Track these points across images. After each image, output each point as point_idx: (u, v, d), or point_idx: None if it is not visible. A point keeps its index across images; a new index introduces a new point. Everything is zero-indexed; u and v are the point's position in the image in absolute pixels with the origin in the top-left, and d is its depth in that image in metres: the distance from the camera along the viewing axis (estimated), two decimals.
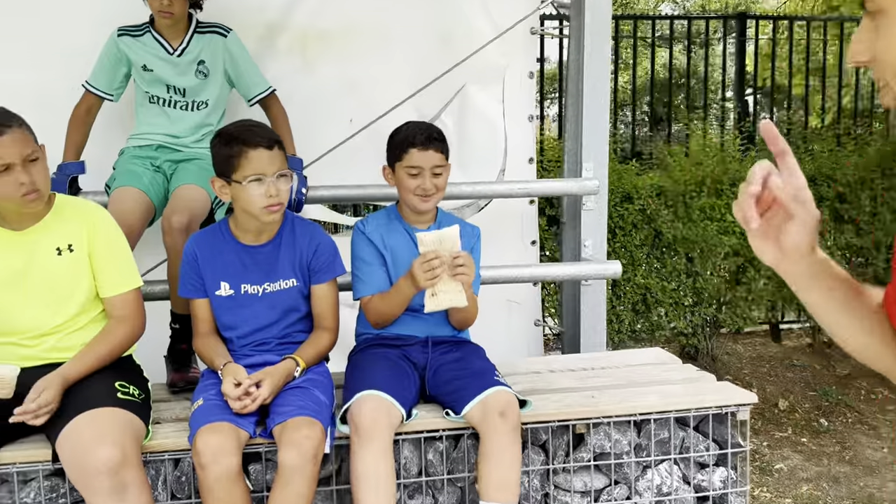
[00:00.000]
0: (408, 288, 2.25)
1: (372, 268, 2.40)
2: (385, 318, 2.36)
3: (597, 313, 3.33)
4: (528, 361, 2.89)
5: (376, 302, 2.36)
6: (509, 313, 3.58)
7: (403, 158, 2.34)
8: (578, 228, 3.39)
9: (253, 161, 2.15)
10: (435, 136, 2.36)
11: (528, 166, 3.53)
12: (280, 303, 2.32)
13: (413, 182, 2.34)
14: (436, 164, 2.34)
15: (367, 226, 2.46)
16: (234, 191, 2.19)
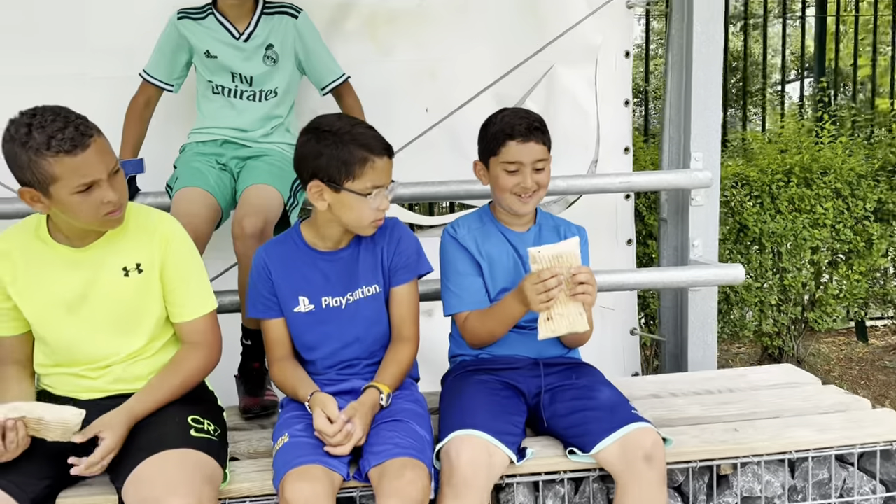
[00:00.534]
0: (516, 308, 1.92)
1: (467, 279, 2.06)
2: (486, 340, 2.04)
3: (707, 324, 2.96)
4: (640, 381, 2.54)
5: (475, 320, 2.03)
6: (602, 320, 3.22)
7: (500, 153, 2.00)
8: (683, 226, 3.02)
9: (378, 172, 1.85)
10: (536, 126, 2.01)
11: (624, 157, 3.16)
12: (365, 313, 2.00)
13: (511, 179, 2.00)
14: (538, 158, 2.00)
15: (459, 230, 2.12)
16: (340, 199, 1.86)
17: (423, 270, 2.05)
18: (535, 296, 1.82)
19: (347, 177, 1.83)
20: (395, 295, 2.02)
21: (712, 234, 2.95)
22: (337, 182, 1.84)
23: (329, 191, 1.86)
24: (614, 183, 2.81)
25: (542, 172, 2.03)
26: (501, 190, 2.03)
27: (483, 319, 2.01)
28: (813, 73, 7.13)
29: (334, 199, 1.87)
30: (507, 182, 2.01)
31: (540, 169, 2.02)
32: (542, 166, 2.01)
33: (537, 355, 2.07)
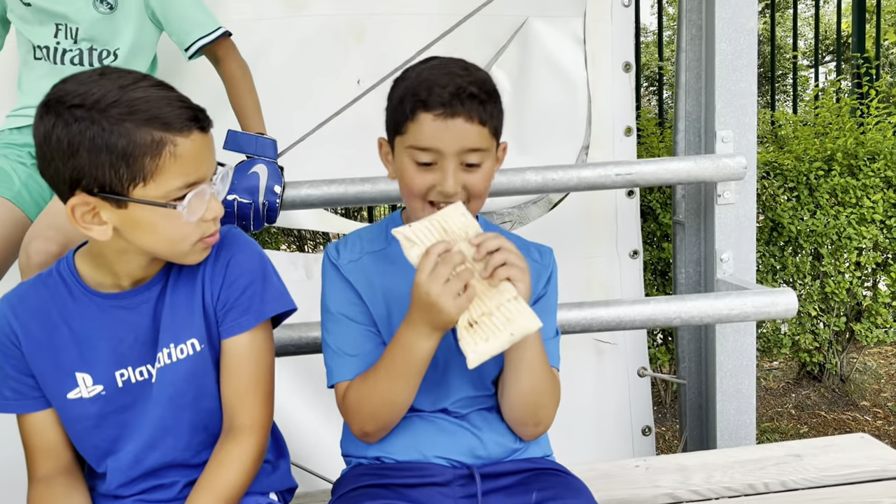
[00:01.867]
0: (419, 336, 1.13)
1: (347, 328, 1.26)
2: (382, 418, 1.22)
3: (743, 367, 2.14)
4: (647, 471, 1.72)
5: (357, 389, 1.22)
6: (598, 359, 2.43)
7: (407, 129, 1.20)
8: (707, 234, 2.21)
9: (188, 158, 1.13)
10: (471, 93, 1.17)
11: (625, 140, 2.36)
12: (177, 387, 1.22)
13: (422, 177, 1.20)
14: (469, 146, 1.18)
15: (344, 252, 1.32)
16: (131, 218, 1.12)
17: (273, 309, 1.25)
18: (441, 289, 1.07)
19: (134, 179, 1.07)
20: (224, 355, 1.24)
21: (747, 244, 2.14)
22: (118, 191, 1.07)
23: (109, 207, 1.09)
24: (612, 175, 2.00)
25: (478, 171, 1.20)
26: (409, 189, 1.22)
27: (371, 382, 1.20)
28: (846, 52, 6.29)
29: (121, 219, 1.11)
30: (415, 180, 1.20)
31: (474, 165, 1.19)
32: (476, 160, 1.19)
33: (472, 459, 1.26)
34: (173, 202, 1.10)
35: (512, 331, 1.06)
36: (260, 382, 1.25)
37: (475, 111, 1.17)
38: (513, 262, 1.09)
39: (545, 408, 1.24)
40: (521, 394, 1.21)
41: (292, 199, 1.92)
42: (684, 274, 2.36)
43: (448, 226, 1.13)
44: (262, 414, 1.25)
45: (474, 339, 1.07)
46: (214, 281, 1.24)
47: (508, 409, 1.25)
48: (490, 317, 1.07)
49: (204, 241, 1.16)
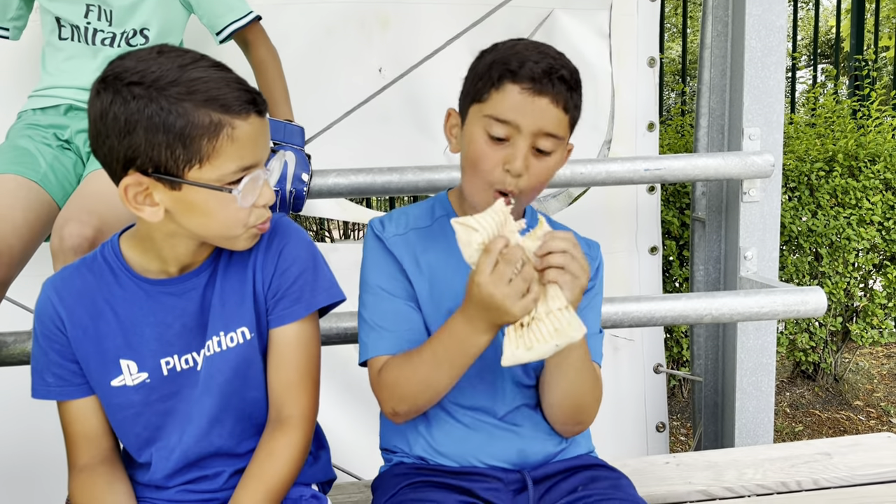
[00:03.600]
0: (474, 330, 1.07)
1: (388, 303, 1.23)
2: (415, 400, 1.17)
3: (763, 366, 2.15)
4: (678, 467, 1.71)
5: (394, 369, 1.18)
6: (615, 355, 2.42)
7: (489, 98, 1.14)
8: (730, 231, 2.21)
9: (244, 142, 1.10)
10: (562, 76, 1.12)
11: (648, 136, 2.34)
12: (225, 376, 1.19)
13: (494, 150, 1.14)
14: (547, 129, 1.12)
15: (389, 226, 1.27)
16: (184, 199, 1.08)
17: (324, 300, 1.22)
18: (506, 290, 1.00)
19: (190, 161, 1.04)
20: (273, 344, 1.21)
21: (772, 242, 2.14)
22: (173, 172, 1.04)
23: (162, 188, 1.06)
24: (640, 170, 1.98)
25: (547, 160, 1.15)
26: (473, 163, 1.17)
27: (414, 364, 1.15)
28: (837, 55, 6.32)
29: (174, 201, 1.07)
30: (484, 153, 1.15)
31: (545, 152, 1.14)
32: (549, 147, 1.13)
33: (521, 461, 1.24)
34: (228, 186, 1.06)
35: (558, 342, 1.02)
36: (308, 373, 1.22)
37: (562, 95, 1.12)
38: (566, 265, 1.03)
39: (587, 408, 1.21)
40: (562, 395, 1.18)
41: (319, 187, 1.89)
42: (703, 271, 2.36)
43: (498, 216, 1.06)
44: (309, 405, 1.22)
45: (517, 343, 1.02)
46: (266, 269, 1.21)
47: (549, 408, 1.22)
48: (539, 323, 1.02)
49: (257, 227, 1.13)
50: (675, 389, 4.07)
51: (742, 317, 1.82)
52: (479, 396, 1.24)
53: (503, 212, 1.04)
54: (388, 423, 1.32)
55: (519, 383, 1.25)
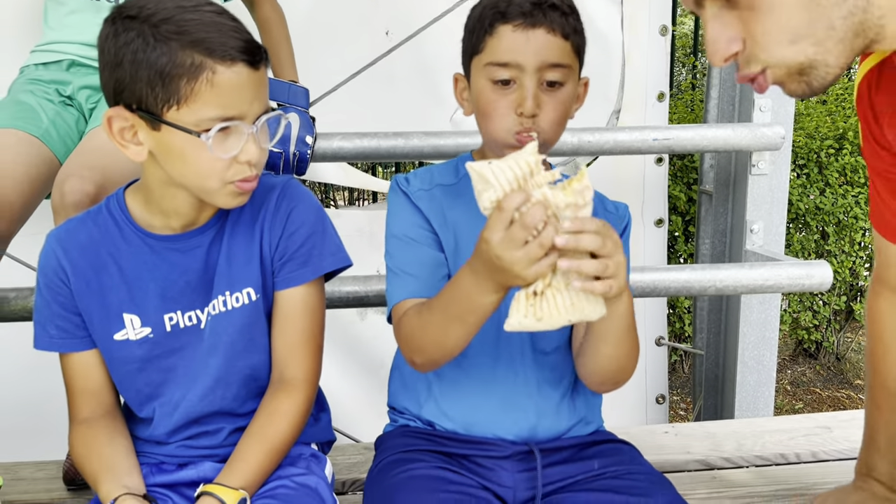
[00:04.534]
0: (480, 289, 0.99)
1: (413, 250, 1.19)
2: (430, 354, 1.13)
3: (766, 339, 2.15)
4: (678, 437, 1.71)
5: (413, 316, 1.14)
6: None
7: (485, 47, 1.12)
8: (737, 204, 2.19)
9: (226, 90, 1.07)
10: (553, 3, 1.10)
11: (658, 106, 2.32)
12: (231, 336, 1.19)
13: (501, 98, 1.11)
14: (550, 60, 1.09)
15: (413, 181, 1.24)
16: (163, 141, 1.06)
17: (331, 264, 1.21)
18: (517, 255, 0.90)
19: (168, 100, 1.02)
20: (278, 307, 1.20)
21: (779, 216, 2.13)
22: (153, 110, 1.03)
23: (146, 127, 1.05)
24: (648, 140, 1.96)
25: (559, 92, 1.11)
26: (485, 115, 1.14)
27: (425, 317, 1.11)
28: None
29: (156, 142, 1.06)
30: (493, 102, 1.12)
31: (556, 83, 1.10)
32: (558, 77, 1.09)
33: (528, 434, 1.21)
34: (202, 132, 1.03)
35: (570, 317, 0.93)
36: (312, 336, 1.22)
37: (557, 22, 1.09)
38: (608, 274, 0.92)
39: (625, 371, 1.14)
40: (606, 360, 1.11)
41: (323, 150, 1.87)
42: (708, 245, 2.34)
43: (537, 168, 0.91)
44: (312, 368, 1.22)
45: (526, 311, 0.92)
46: (274, 231, 1.19)
47: (588, 373, 1.16)
48: (556, 293, 0.92)
49: (236, 184, 1.09)
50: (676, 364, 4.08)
51: (746, 289, 1.81)
52: (497, 364, 1.21)
53: (529, 161, 0.89)
54: (398, 381, 1.31)
55: (541, 351, 1.21)
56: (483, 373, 1.21)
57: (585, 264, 0.91)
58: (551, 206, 0.89)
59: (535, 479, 1.16)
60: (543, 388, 1.22)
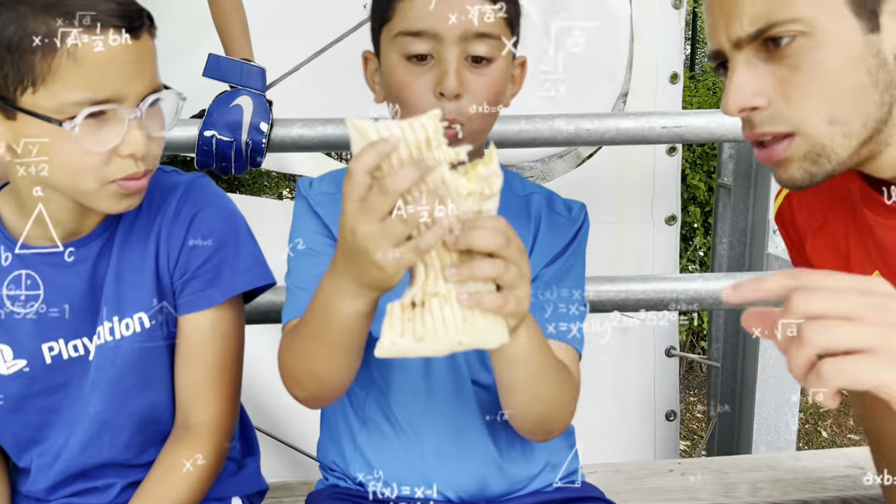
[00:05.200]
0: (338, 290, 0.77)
1: (310, 260, 0.99)
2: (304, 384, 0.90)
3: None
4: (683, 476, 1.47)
5: (285, 340, 0.93)
6: (623, 336, 2.17)
7: (395, 12, 0.92)
8: (758, 201, 1.94)
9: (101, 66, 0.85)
10: None
11: (670, 88, 2.06)
12: (119, 371, 0.98)
13: (418, 77, 0.91)
14: (475, 26, 0.90)
15: (317, 185, 1.04)
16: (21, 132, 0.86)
17: (245, 283, 1.01)
18: (374, 228, 0.69)
19: (21, 81, 0.83)
20: (182, 333, 0.99)
21: None
22: (3, 94, 0.84)
23: None
24: (656, 128, 1.70)
25: (487, 70, 0.92)
26: (398, 97, 0.93)
27: (293, 335, 0.90)
28: None
29: (14, 134, 0.86)
30: (406, 79, 0.91)
31: (482, 60, 0.91)
32: (484, 51, 0.91)
33: (477, 491, 0.98)
34: (68, 120, 0.83)
35: (462, 339, 0.72)
36: (223, 372, 1.01)
37: None
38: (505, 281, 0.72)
39: (556, 416, 0.93)
40: (517, 407, 0.90)
41: (282, 139, 1.64)
42: (727, 245, 2.09)
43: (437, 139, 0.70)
44: (223, 411, 1.01)
45: (402, 328, 0.71)
46: (172, 241, 0.98)
47: (508, 415, 0.94)
48: (444, 304, 0.71)
49: (119, 184, 0.88)
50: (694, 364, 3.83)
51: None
52: (429, 404, 0.99)
53: (427, 126, 0.69)
54: (324, 431, 1.09)
55: (483, 385, 1.00)
56: (413, 416, 0.99)
57: (479, 264, 0.70)
58: (449, 189, 0.70)
59: None
60: (491, 429, 1.00)
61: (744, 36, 0.77)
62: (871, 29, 0.75)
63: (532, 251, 1.00)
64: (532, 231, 1.02)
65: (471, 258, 0.71)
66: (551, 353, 0.88)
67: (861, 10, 0.75)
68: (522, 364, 0.84)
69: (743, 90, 0.78)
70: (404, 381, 0.99)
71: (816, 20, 0.74)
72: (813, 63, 0.75)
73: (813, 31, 0.75)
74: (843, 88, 0.76)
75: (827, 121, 0.76)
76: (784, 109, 0.77)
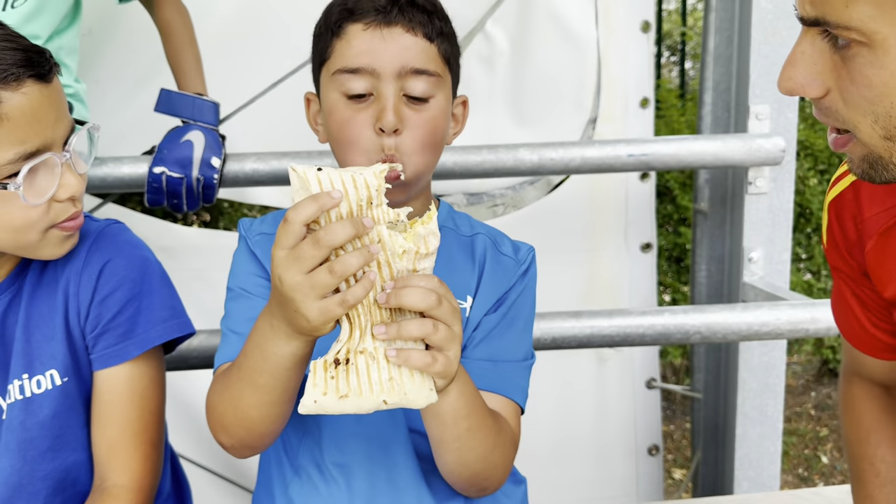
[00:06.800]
0: (272, 331, 0.77)
1: (244, 303, 0.96)
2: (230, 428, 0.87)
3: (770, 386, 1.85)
4: None
5: (215, 382, 0.92)
6: (600, 367, 2.12)
7: (333, 50, 0.93)
8: (734, 227, 1.90)
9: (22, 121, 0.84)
10: (414, 1, 0.93)
11: (641, 114, 2.04)
12: (38, 432, 0.95)
13: (357, 115, 0.91)
14: (412, 63, 0.91)
15: (256, 225, 1.03)
16: None
17: (161, 334, 0.98)
18: (300, 279, 0.70)
19: None
20: (97, 390, 0.96)
21: (782, 242, 1.83)
22: None
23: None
24: (622, 156, 1.68)
25: (426, 109, 0.92)
26: (338, 136, 0.93)
27: (225, 378, 0.88)
28: None
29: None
30: (346, 115, 0.91)
31: (420, 100, 0.92)
32: (422, 91, 0.91)
33: None
34: (5, 180, 0.82)
35: (387, 398, 0.73)
36: (141, 429, 0.97)
37: (418, 21, 0.92)
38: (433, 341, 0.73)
39: (489, 474, 0.91)
40: (449, 465, 0.88)
41: (235, 174, 1.61)
42: (705, 272, 2.04)
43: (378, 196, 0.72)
44: (142, 470, 0.96)
45: (326, 385, 0.72)
46: (82, 293, 0.95)
47: (443, 474, 0.92)
48: (370, 362, 0.72)
49: (60, 226, 0.88)
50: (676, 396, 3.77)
51: (738, 336, 1.51)
52: (360, 453, 0.96)
53: (370, 183, 0.71)
54: (259, 479, 1.05)
55: (413, 430, 0.96)
56: (347, 466, 0.95)
57: (408, 324, 0.72)
58: (385, 247, 0.71)
59: None
60: (428, 481, 0.96)
61: (806, 17, 0.69)
62: None
63: (476, 293, 0.98)
64: (477, 272, 1.00)
65: (402, 316, 0.73)
66: (486, 411, 0.86)
67: None
68: (452, 423, 0.82)
69: (797, 71, 0.71)
70: (337, 427, 0.96)
71: (876, 34, 0.65)
72: (870, 80, 0.68)
73: (872, 44, 0.66)
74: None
75: (883, 136, 0.70)
76: (841, 108, 0.70)
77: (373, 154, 0.89)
